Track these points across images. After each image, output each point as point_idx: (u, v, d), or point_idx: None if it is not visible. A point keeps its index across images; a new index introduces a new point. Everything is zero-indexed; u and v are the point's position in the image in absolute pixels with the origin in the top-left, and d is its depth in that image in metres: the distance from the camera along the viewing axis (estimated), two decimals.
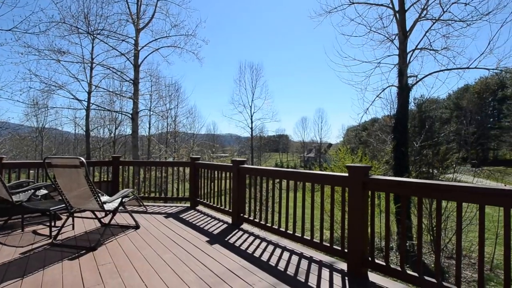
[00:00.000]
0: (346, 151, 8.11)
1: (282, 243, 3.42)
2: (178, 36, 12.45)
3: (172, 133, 23.53)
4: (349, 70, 12.03)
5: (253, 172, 4.10)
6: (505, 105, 38.54)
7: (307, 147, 71.55)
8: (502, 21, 8.17)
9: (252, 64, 37.99)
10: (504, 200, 1.87)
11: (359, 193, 2.53)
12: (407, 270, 2.37)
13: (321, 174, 3.09)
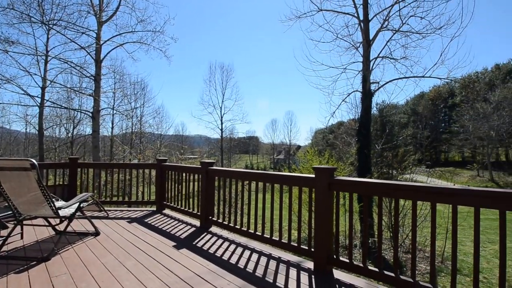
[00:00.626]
0: (314, 153, 8.40)
1: (251, 245, 3.42)
2: (145, 32, 11.94)
3: (138, 134, 22.47)
4: (317, 74, 12.45)
5: (222, 174, 4.05)
6: (454, 111, 42.71)
7: (276, 149, 72.81)
8: (452, 36, 9.06)
9: (223, 65, 37.70)
10: (452, 199, 2.05)
11: (325, 193, 2.62)
12: (368, 266, 2.50)
13: (290, 175, 3.15)
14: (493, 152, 39.39)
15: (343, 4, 10.70)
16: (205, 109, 35.64)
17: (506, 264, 1.89)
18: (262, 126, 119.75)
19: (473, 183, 33.80)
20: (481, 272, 7.50)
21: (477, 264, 1.98)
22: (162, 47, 12.16)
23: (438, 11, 12.49)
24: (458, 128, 40.43)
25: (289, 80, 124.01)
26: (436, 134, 45.50)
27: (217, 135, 36.39)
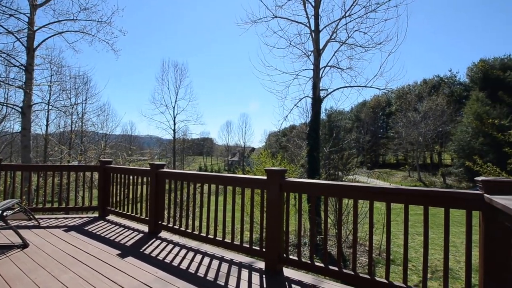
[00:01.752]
0: (267, 155, 8.62)
1: (203, 249, 3.35)
2: (89, 21, 10.88)
3: (78, 133, 20.27)
4: (271, 79, 12.81)
5: (173, 176, 3.90)
6: (390, 119, 48.08)
7: (231, 151, 72.79)
8: (389, 51, 10.19)
9: (177, 63, 36.08)
10: (386, 197, 2.30)
11: (277, 194, 2.70)
12: (316, 262, 2.65)
13: (242, 177, 3.18)
14: (421, 155, 45.34)
15: (296, 13, 11.26)
16: (156, 108, 33.58)
17: (428, 253, 2.19)
18: (217, 127, 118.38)
19: (405, 182, 38.34)
20: (411, 261, 8.53)
21: (406, 254, 2.25)
22: (109, 39, 11.22)
23: (378, 28, 13.94)
24: (393, 134, 45.67)
25: (245, 82, 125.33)
26: (375, 139, 50.62)
27: (169, 136, 34.77)
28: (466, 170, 31.37)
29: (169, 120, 33.22)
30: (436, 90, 45.06)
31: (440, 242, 8.77)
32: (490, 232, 1.81)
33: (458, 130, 35.76)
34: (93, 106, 22.75)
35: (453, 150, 37.08)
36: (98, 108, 22.93)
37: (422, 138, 39.58)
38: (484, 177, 1.85)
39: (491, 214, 1.78)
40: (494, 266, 1.80)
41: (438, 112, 39.05)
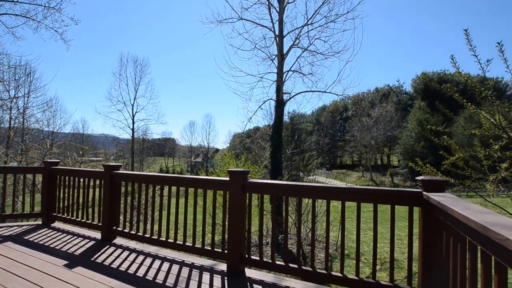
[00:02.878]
0: (231, 157, 8.60)
1: (162, 254, 3.21)
2: (34, 5, 9.78)
3: (19, 130, 18.01)
4: (236, 80, 12.84)
5: (131, 178, 3.68)
6: (347, 123, 51.33)
7: (194, 152, 71.11)
8: (347, 60, 10.90)
9: (137, 58, 33.70)
10: (341, 196, 2.45)
11: (239, 195, 2.71)
12: (276, 261, 2.71)
13: (204, 179, 3.12)
14: (373, 157, 49.14)
15: (262, 17, 11.44)
16: (113, 105, 31.13)
17: (377, 246, 2.38)
18: (179, 127, 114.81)
19: (359, 182, 41.16)
20: (363, 255, 9.19)
21: (358, 249, 2.42)
22: (58, 27, 10.20)
23: (337, 38, 14.83)
24: (349, 137, 48.82)
25: (209, 82, 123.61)
26: (334, 141, 53.58)
27: (127, 136, 32.58)
28: (410, 170, 34.88)
29: (127, 119, 31.13)
30: (386, 98, 49.36)
31: (388, 236, 9.56)
32: (427, 225, 2.04)
33: (403, 134, 39.60)
34: (38, 100, 20.36)
35: (400, 153, 40.96)
36: (44, 103, 20.57)
37: (374, 141, 43.01)
38: (423, 177, 2.08)
39: (428, 210, 2.01)
40: (430, 255, 2.03)
41: (387, 118, 42.83)
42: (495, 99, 3.53)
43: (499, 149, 3.54)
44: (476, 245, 1.31)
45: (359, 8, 10.45)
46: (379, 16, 78.32)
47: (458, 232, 1.50)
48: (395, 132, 42.51)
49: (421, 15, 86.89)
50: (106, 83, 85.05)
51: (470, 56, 3.59)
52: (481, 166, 3.78)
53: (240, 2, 11.60)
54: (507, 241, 0.95)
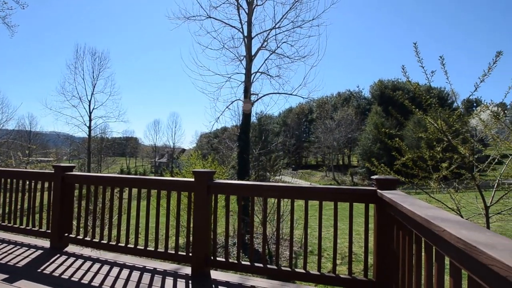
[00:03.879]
0: (198, 157, 8.40)
1: (120, 260, 3.03)
2: None
3: None
4: (203, 79, 12.55)
5: (86, 180, 3.42)
6: (312, 125, 53.34)
7: (159, 152, 68.29)
8: (312, 65, 11.31)
9: (95, 51, 31.12)
10: (304, 195, 2.55)
11: (204, 196, 2.67)
12: (242, 261, 2.72)
13: (168, 180, 3.02)
14: (335, 158, 51.70)
15: (230, 17, 11.38)
16: (67, 100, 28.40)
17: (337, 242, 2.52)
18: (143, 126, 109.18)
19: (323, 181, 42.98)
20: (326, 250, 9.61)
21: (320, 245, 2.53)
22: (0, 10, 9.10)
23: (303, 43, 15.27)
24: (314, 138, 50.82)
25: (176, 80, 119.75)
26: (299, 142, 55.32)
27: (83, 134, 30.09)
28: (367, 170, 37.33)
29: (83, 115, 28.69)
30: (347, 102, 52.36)
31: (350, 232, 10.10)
32: (381, 220, 2.21)
33: (362, 137, 42.34)
34: None
35: (359, 153, 43.68)
36: None
37: (336, 143, 45.29)
38: (377, 176, 2.25)
39: (382, 206, 2.18)
40: (383, 248, 2.20)
41: (348, 121, 45.45)
42: (438, 107, 3.95)
43: (440, 151, 3.97)
44: (421, 237, 1.46)
45: (323, 16, 10.91)
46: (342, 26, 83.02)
47: (406, 225, 1.65)
48: (355, 134, 45.25)
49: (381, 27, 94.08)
50: (59, 76, 77.69)
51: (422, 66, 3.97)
52: (426, 166, 4.20)
53: (208, 0, 11.41)
54: (444, 232, 1.07)
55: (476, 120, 4.75)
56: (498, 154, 4.54)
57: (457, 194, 4.67)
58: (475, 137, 5.02)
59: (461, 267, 1.05)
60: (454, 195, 4.50)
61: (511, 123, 5.12)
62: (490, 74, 3.57)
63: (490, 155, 4.61)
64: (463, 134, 4.18)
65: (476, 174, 4.20)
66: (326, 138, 45.87)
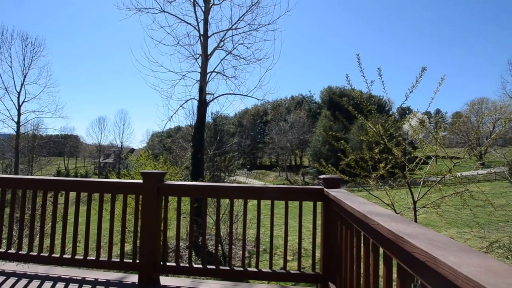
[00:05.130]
0: (148, 157, 7.89)
1: (54, 273, 2.70)
2: None
3: None
4: (156, 75, 12.00)
5: (9, 184, 2.96)
6: (267, 126, 54.62)
7: (104, 152, 62.66)
8: (267, 68, 11.59)
9: (27, 36, 26.92)
10: (257, 195, 2.60)
11: (153, 199, 2.54)
12: (194, 265, 2.65)
13: (113, 182, 2.79)
14: (288, 158, 53.80)
15: (186, 13, 11.06)
16: None
17: (287, 239, 2.62)
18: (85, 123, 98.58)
19: (276, 181, 44.32)
20: (279, 248, 9.94)
21: (271, 244, 2.61)
22: None
23: (259, 46, 15.61)
24: (269, 140, 52.21)
25: (124, 75, 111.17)
26: (254, 143, 56.23)
27: (10, 130, 25.99)
28: (317, 170, 39.71)
29: (10, 109, 24.72)
30: (300, 106, 55.01)
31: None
32: (326, 217, 2.38)
33: (313, 139, 44.94)
34: None
35: (310, 154, 46.23)
36: None
37: (289, 144, 47.19)
38: (324, 176, 2.42)
39: (328, 203, 2.34)
40: (329, 242, 2.36)
41: (300, 124, 47.78)
42: (376, 113, 4.40)
43: (378, 152, 4.44)
44: (360, 231, 1.61)
45: (278, 22, 11.32)
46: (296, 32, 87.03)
47: (348, 220, 1.80)
48: (306, 136, 47.74)
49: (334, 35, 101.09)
50: None
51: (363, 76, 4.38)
52: (367, 166, 4.66)
53: None
54: (378, 225, 1.20)
55: (407, 125, 5.42)
56: (424, 156, 5.24)
57: (391, 191, 5.27)
58: (406, 140, 5.73)
59: (391, 255, 1.19)
60: (389, 192, 5.06)
61: (434, 128, 5.96)
62: (417, 86, 4.12)
63: (417, 156, 5.30)
64: (397, 138, 4.73)
65: (406, 173, 4.79)
66: (280, 139, 47.45)
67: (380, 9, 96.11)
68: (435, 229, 11.26)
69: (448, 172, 4.45)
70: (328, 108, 46.91)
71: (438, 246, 0.87)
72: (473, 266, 0.71)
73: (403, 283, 1.13)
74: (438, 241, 0.93)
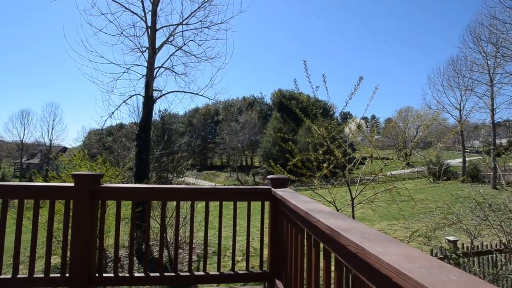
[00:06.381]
0: (84, 157, 7.00)
1: None
2: None
3: None
4: (95, 67, 10.74)
5: None
6: (218, 126, 54.07)
7: (28, 151, 54.27)
8: (219, 67, 11.46)
9: None
10: (204, 197, 2.54)
11: (87, 204, 2.28)
12: (136, 273, 2.46)
13: (37, 186, 2.41)
14: (239, 159, 54.15)
15: (132, 2, 10.22)
16: None
17: (236, 240, 2.62)
18: (3, 117, 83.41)
19: (227, 182, 44.17)
20: (228, 249, 9.87)
21: (219, 245, 2.58)
22: None
23: (211, 44, 15.41)
24: (220, 140, 51.79)
25: (55, 64, 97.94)
26: (205, 143, 55.13)
27: None
28: (267, 170, 40.87)
29: None
30: (251, 107, 55.93)
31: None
32: (274, 215, 2.45)
33: (264, 139, 46.10)
34: None
35: (260, 155, 47.30)
36: None
37: (241, 145, 47.55)
38: (272, 176, 2.49)
39: (275, 203, 2.41)
40: (276, 240, 2.43)
41: (252, 125, 48.59)
42: (321, 116, 4.72)
43: (322, 153, 4.77)
44: (304, 228, 1.69)
45: (231, 22, 11.30)
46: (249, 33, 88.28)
47: (293, 218, 1.88)
48: (257, 137, 48.68)
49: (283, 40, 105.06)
50: None
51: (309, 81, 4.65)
52: (312, 166, 4.96)
53: None
54: (318, 222, 1.27)
55: (347, 129, 5.94)
56: (361, 157, 5.81)
57: (333, 189, 5.70)
58: (347, 142, 6.28)
59: (330, 250, 1.27)
60: (331, 190, 5.47)
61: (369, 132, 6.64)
62: (355, 93, 4.54)
63: (355, 157, 5.85)
64: (338, 140, 5.15)
65: (346, 172, 5.24)
66: (231, 139, 47.42)
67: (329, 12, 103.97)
68: (370, 223, 12.55)
69: (379, 172, 5.00)
70: (279, 110, 48.60)
71: (369, 238, 0.96)
72: (394, 255, 0.80)
73: (340, 275, 1.22)
74: (369, 234, 1.02)
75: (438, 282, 0.62)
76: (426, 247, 6.00)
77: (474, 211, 5.34)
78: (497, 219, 4.76)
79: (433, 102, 29.95)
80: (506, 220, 4.85)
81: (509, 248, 4.83)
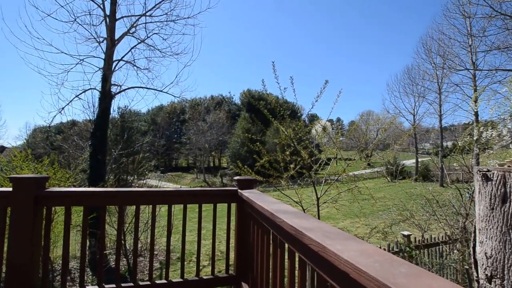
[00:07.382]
0: (26, 158, 6.19)
1: None
2: None
3: None
4: (41, 55, 9.61)
5: None
6: (184, 126, 52.46)
7: None
8: (185, 64, 11.07)
9: None
10: (167, 200, 2.40)
11: (28, 211, 2.00)
12: (87, 286, 2.23)
13: None
14: (206, 160, 53.13)
15: None
16: None
17: (200, 244, 2.51)
18: None
19: (193, 183, 43.07)
20: (194, 254, 9.58)
21: (183, 251, 2.45)
22: None
23: (177, 39, 14.85)
24: (186, 140, 50.24)
25: None
26: (170, 143, 53.14)
27: None
28: (235, 171, 40.71)
29: None
30: (219, 106, 55.27)
31: (216, 232, 10.52)
32: (240, 217, 2.39)
33: (232, 140, 45.79)
34: None
35: (228, 156, 46.90)
36: None
37: (208, 145, 46.68)
38: (238, 177, 2.43)
39: (241, 204, 2.35)
40: (243, 241, 2.38)
41: (220, 124, 47.94)
42: (290, 118, 4.79)
43: (289, 154, 4.83)
44: (269, 229, 1.66)
45: (199, 18, 11.04)
46: (219, 32, 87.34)
47: (259, 219, 1.84)
48: (225, 137, 48.22)
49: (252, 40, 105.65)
50: None
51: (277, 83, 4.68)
52: (279, 167, 5.01)
53: None
54: (283, 222, 1.24)
55: (314, 130, 6.11)
56: (326, 157, 6.01)
57: (300, 189, 5.82)
58: (313, 143, 6.46)
59: (294, 249, 1.26)
60: (298, 190, 5.57)
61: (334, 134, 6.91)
62: (321, 96, 4.68)
63: (321, 158, 6.04)
64: (305, 141, 5.26)
65: (312, 173, 5.38)
66: (198, 139, 46.32)
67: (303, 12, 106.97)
68: (334, 221, 13.10)
69: (343, 172, 5.23)
70: (247, 110, 48.65)
71: (330, 237, 0.97)
72: (352, 251, 0.83)
73: (303, 274, 1.21)
74: (330, 233, 1.03)
75: (389, 275, 0.66)
76: (384, 242, 6.41)
77: (424, 207, 5.84)
78: (443, 214, 5.25)
79: (391, 107, 32.91)
80: (450, 214, 5.38)
81: (452, 240, 5.37)
